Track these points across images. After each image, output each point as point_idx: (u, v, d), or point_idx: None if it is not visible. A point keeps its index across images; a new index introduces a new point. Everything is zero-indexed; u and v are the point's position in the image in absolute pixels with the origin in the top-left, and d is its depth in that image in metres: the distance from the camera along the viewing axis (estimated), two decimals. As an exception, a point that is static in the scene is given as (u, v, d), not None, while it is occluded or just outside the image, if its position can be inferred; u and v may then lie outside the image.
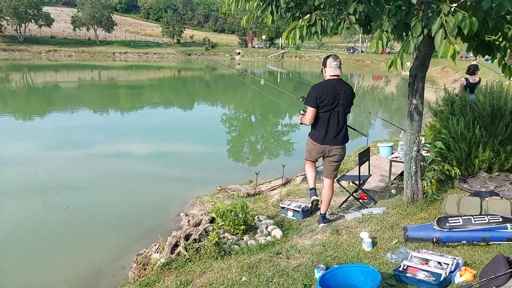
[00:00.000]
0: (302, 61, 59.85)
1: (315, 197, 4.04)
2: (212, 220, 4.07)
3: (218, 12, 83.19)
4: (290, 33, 3.01)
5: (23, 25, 56.04)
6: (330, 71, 3.69)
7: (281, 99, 15.07)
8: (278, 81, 37.12)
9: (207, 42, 67.49)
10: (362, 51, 62.87)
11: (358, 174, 4.71)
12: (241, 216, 3.97)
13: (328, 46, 71.25)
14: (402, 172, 4.63)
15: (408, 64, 4.05)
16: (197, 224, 4.02)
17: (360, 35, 61.32)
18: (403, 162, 4.35)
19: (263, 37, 68.28)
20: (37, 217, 5.97)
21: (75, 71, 39.30)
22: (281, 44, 67.76)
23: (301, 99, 4.17)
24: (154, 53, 60.53)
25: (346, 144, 3.89)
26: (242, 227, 3.93)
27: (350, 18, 2.81)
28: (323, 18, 2.94)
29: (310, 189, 4.14)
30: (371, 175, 5.11)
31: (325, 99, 3.60)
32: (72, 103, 19.35)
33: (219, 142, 11.87)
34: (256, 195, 5.87)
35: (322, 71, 3.83)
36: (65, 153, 9.72)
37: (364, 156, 4.84)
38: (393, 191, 5.13)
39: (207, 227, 3.90)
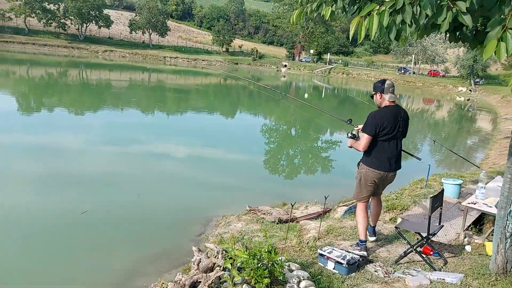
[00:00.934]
0: (349, 78, 58.48)
1: (364, 252, 3.79)
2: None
3: (269, 24, 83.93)
4: (364, 19, 2.21)
5: (84, 25, 59.59)
6: (389, 98, 3.57)
7: (321, 117, 14.51)
8: (323, 96, 36.28)
9: (255, 53, 68.04)
10: (414, 73, 60.44)
11: (427, 223, 3.60)
12: (266, 262, 3.07)
13: (378, 65, 69.36)
14: (476, 221, 3.90)
15: (463, 89, 3.29)
16: (208, 270, 3.19)
17: (413, 55, 59.21)
18: (484, 212, 3.65)
19: (311, 51, 67.70)
20: (54, 214, 5.85)
21: (128, 71, 41.02)
22: (328, 60, 66.88)
23: (348, 122, 4.11)
24: (203, 60, 61.88)
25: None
26: (267, 280, 2.96)
27: (458, 4, 2.06)
28: (415, 3, 2.10)
29: (361, 242, 3.85)
30: (443, 225, 3.99)
31: (386, 127, 3.48)
32: (121, 101, 20.15)
33: (256, 153, 11.50)
34: (289, 221, 5.34)
35: (374, 96, 3.66)
36: (99, 148, 9.94)
37: (437, 201, 3.74)
38: (467, 247, 4.07)
39: (221, 274, 3.05)
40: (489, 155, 12.18)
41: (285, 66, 64.50)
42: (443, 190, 4.23)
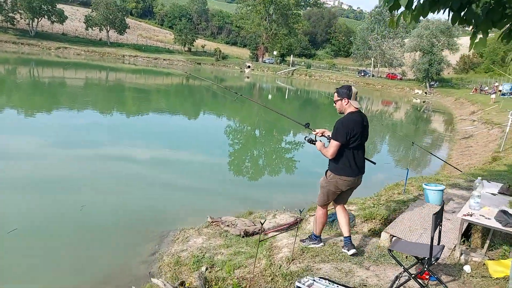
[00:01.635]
0: (312, 80, 59.11)
1: (322, 244, 3.94)
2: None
3: (232, 24, 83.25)
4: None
5: (35, 19, 55.84)
6: (355, 104, 3.55)
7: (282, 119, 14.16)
8: (286, 97, 36.21)
9: (218, 53, 67.08)
10: (373, 75, 62.19)
11: (429, 244, 3.00)
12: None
13: (339, 68, 70.78)
14: (468, 233, 3.50)
15: (419, 92, 2.92)
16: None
17: (373, 59, 60.98)
18: (488, 227, 3.33)
19: (275, 52, 67.86)
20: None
21: (83, 70, 38.83)
22: (291, 62, 67.33)
23: (306, 126, 4.04)
24: (164, 59, 60.09)
25: None
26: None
27: None
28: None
29: (315, 236, 3.98)
30: (443, 246, 3.42)
31: (355, 134, 3.47)
32: (77, 101, 18.89)
33: (219, 155, 10.88)
34: (256, 234, 4.79)
35: (338, 102, 3.59)
36: (44, 151, 8.99)
37: (439, 218, 3.21)
38: (466, 268, 3.55)
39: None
40: (451, 156, 12.32)
41: (249, 67, 64.11)
42: (443, 205, 3.76)
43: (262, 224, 3.28)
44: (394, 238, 4.08)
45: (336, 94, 3.60)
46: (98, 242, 4.98)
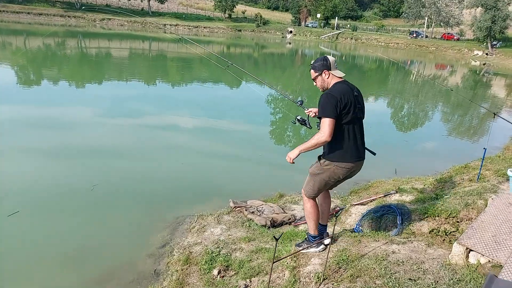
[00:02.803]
0: (358, 44, 55.67)
1: (322, 247, 3.18)
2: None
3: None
4: None
5: (80, -8, 56.91)
6: (338, 73, 2.96)
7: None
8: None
9: (258, 19, 64.96)
10: (426, 36, 57.34)
11: None
12: None
13: (388, 29, 66.06)
14: None
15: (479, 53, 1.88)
16: None
17: (426, 18, 56.04)
18: None
19: (318, 16, 64.46)
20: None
21: (127, 40, 39.31)
22: (336, 25, 63.72)
23: (299, 103, 3.51)
24: (204, 27, 59.36)
25: None
26: None
27: None
28: None
29: (313, 238, 3.21)
30: None
31: (346, 104, 2.81)
32: (123, 72, 19.09)
33: (255, 127, 10.15)
34: (285, 224, 4.07)
35: (317, 78, 2.99)
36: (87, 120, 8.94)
37: None
38: None
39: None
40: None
41: (291, 32, 61.60)
42: None
43: (277, 239, 2.33)
44: (473, 253, 2.87)
45: (312, 70, 3.01)
46: (108, 224, 4.54)
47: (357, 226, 3.94)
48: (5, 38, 30.75)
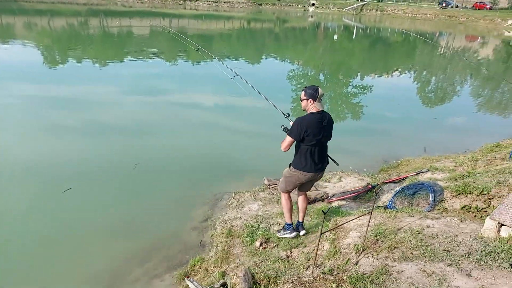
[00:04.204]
0: (384, 15, 53.68)
1: (294, 233, 3.84)
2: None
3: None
4: None
5: (101, -31, 56.79)
6: (319, 106, 3.60)
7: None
8: (354, 37, 33.41)
9: (280, -9, 63.38)
10: (457, 6, 54.64)
11: None
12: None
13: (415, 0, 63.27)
14: None
15: None
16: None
17: (456, -14, 53.25)
18: None
19: (342, -14, 62.22)
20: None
21: (148, 18, 39.36)
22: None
23: (286, 116, 4.24)
24: (225, 2, 58.48)
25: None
26: None
27: None
28: None
29: (288, 225, 3.85)
30: None
31: (310, 133, 3.56)
32: (144, 50, 19.45)
33: (282, 103, 10.22)
34: (318, 201, 4.25)
35: (303, 101, 3.63)
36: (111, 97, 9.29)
37: None
38: None
39: None
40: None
41: (313, 5, 59.92)
42: None
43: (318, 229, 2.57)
44: (505, 227, 2.98)
45: (303, 93, 3.63)
46: (152, 200, 4.86)
47: (390, 203, 4.09)
48: (31, 19, 31.46)
